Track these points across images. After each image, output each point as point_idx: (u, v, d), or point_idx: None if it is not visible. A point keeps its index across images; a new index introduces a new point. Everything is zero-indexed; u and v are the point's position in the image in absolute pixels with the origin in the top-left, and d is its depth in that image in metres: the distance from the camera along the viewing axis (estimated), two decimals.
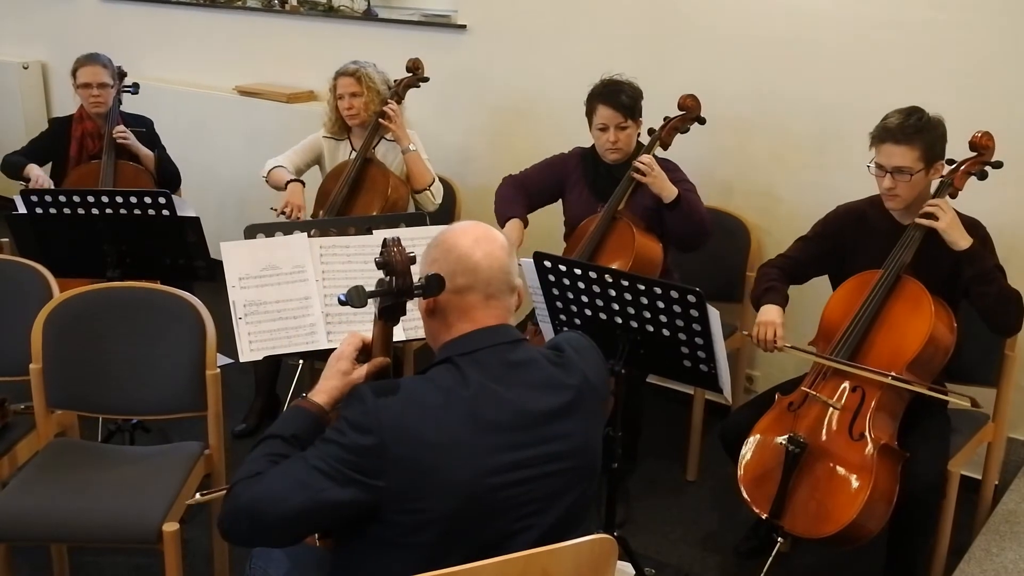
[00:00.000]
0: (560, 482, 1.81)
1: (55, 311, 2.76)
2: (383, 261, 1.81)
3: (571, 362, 1.86)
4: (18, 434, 2.87)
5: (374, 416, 1.68)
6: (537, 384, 1.80)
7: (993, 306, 2.72)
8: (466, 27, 4.37)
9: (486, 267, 1.81)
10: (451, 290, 1.81)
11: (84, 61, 4.09)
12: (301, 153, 3.96)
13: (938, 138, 2.74)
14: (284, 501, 1.70)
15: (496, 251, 1.83)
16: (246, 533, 1.76)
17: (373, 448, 1.67)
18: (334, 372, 1.88)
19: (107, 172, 4.03)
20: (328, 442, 1.71)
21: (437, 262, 1.83)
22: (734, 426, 2.94)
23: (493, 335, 1.82)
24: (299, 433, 1.83)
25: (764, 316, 2.93)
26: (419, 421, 1.69)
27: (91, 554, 3.04)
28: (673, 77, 3.72)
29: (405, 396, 1.72)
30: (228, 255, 2.76)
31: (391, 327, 1.90)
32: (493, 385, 1.76)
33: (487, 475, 1.72)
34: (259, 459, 1.79)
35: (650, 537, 3.25)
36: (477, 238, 1.83)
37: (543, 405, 1.78)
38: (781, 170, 3.70)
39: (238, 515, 1.74)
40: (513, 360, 1.80)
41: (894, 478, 2.62)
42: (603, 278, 2.63)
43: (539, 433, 1.77)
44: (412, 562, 1.71)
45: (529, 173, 3.58)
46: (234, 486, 1.77)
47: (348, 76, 3.80)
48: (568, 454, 1.81)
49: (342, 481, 1.68)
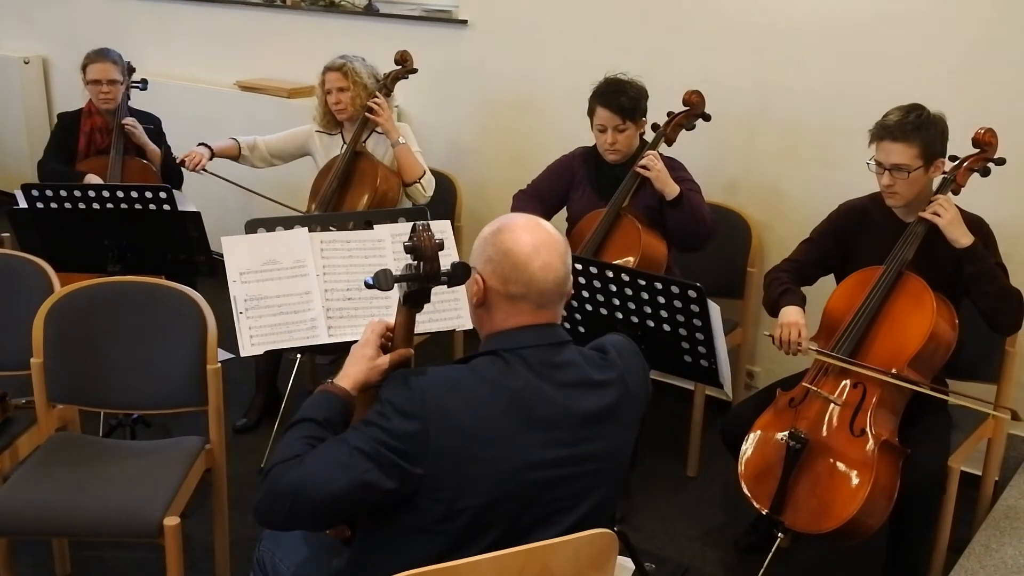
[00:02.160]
0: (588, 483, 1.82)
1: (56, 306, 2.76)
2: (412, 246, 1.79)
3: (613, 364, 1.86)
4: (19, 428, 2.87)
5: (419, 402, 1.68)
6: (579, 385, 1.80)
7: (992, 305, 2.71)
8: (467, 22, 4.37)
9: (541, 279, 1.78)
10: (504, 294, 1.79)
11: (94, 57, 4.07)
12: (284, 137, 4.02)
13: (937, 135, 2.73)
14: (328, 483, 1.69)
15: (554, 261, 1.79)
16: (284, 515, 1.73)
17: (416, 434, 1.67)
18: (359, 358, 1.88)
19: (115, 167, 4.02)
20: (371, 425, 1.71)
21: (492, 262, 1.80)
22: (735, 422, 2.94)
23: (541, 334, 1.80)
24: (331, 416, 1.83)
25: (786, 317, 2.89)
26: (462, 410, 1.70)
27: (92, 548, 3.05)
28: (678, 73, 3.71)
29: (450, 384, 1.72)
30: (229, 250, 2.75)
31: (414, 314, 1.90)
32: (536, 381, 1.76)
33: (525, 470, 1.73)
34: (296, 442, 1.78)
35: (651, 532, 3.26)
36: (536, 245, 1.78)
37: (583, 407, 1.79)
38: (785, 166, 3.70)
39: (279, 497, 1.71)
40: (556, 361, 1.79)
41: (895, 474, 2.62)
42: (604, 273, 2.63)
43: (578, 433, 1.78)
44: (435, 548, 1.72)
45: (538, 184, 3.58)
46: (272, 468, 1.75)
47: (335, 71, 3.81)
48: (600, 456, 1.82)
49: (384, 464, 1.68)
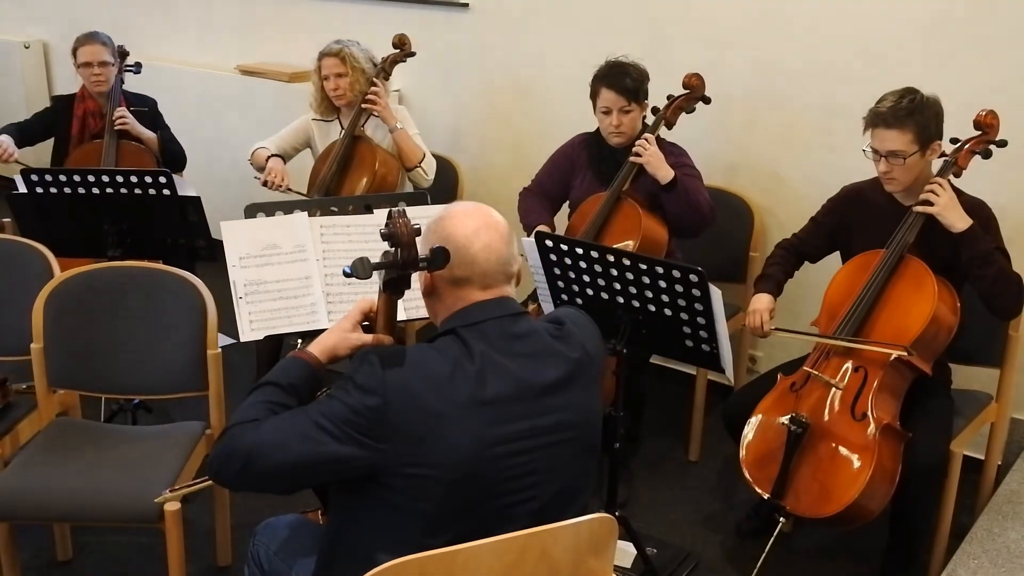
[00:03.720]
0: (561, 454, 1.82)
1: (56, 291, 2.76)
2: (388, 232, 1.80)
3: (571, 335, 1.88)
4: (20, 414, 2.87)
5: (380, 379, 1.70)
6: (539, 356, 1.81)
7: (990, 288, 2.70)
8: (468, 6, 4.35)
9: (483, 260, 1.81)
10: (448, 279, 1.82)
11: (84, 40, 4.06)
12: (288, 136, 3.97)
13: (931, 118, 2.71)
14: (282, 450, 1.72)
15: (495, 242, 1.82)
16: (235, 477, 1.77)
17: (376, 409, 1.69)
18: (335, 328, 1.92)
19: (109, 152, 4.01)
20: (332, 399, 1.74)
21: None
22: (736, 406, 2.94)
23: (496, 307, 1.83)
24: (296, 383, 1.86)
25: (752, 304, 3.00)
26: (424, 389, 1.71)
27: (93, 533, 3.05)
28: (677, 56, 3.69)
29: (412, 363, 1.74)
30: (228, 234, 2.75)
31: (395, 300, 1.90)
32: (497, 356, 1.77)
33: (489, 446, 1.73)
34: (257, 405, 1.81)
35: (652, 517, 3.26)
36: (476, 229, 1.82)
37: (545, 377, 1.80)
38: (785, 150, 3.68)
39: (231, 457, 1.75)
40: (515, 332, 1.81)
41: (896, 458, 2.61)
42: (605, 257, 2.62)
43: (541, 405, 1.79)
44: (411, 529, 1.73)
45: (541, 179, 3.58)
46: (229, 429, 1.78)
47: (332, 56, 3.79)
48: (569, 425, 1.83)
49: (342, 438, 1.70)
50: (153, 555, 2.91)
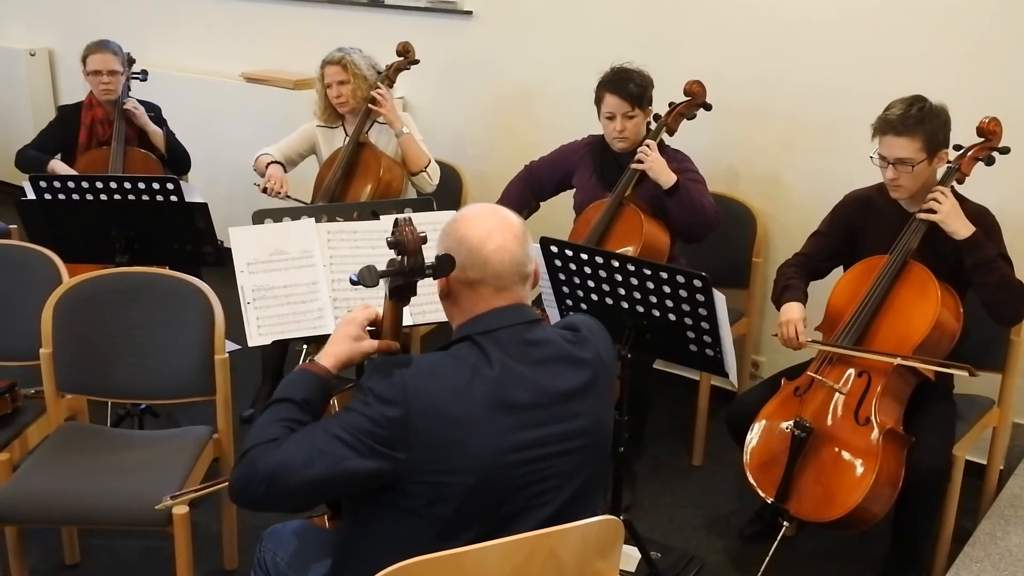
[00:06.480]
0: (576, 460, 1.83)
1: (65, 296, 2.78)
2: (395, 240, 1.81)
3: (586, 341, 1.88)
4: (28, 418, 2.89)
5: (400, 388, 1.70)
6: (556, 363, 1.81)
7: (992, 296, 2.71)
8: (472, 13, 4.37)
9: (496, 261, 1.81)
10: (463, 282, 1.82)
11: (94, 48, 4.09)
12: (293, 143, 3.99)
13: (940, 127, 2.72)
14: (304, 469, 1.71)
15: (508, 243, 1.82)
16: (261, 498, 1.75)
17: (398, 420, 1.69)
18: (342, 337, 1.89)
19: (117, 158, 4.03)
20: (351, 411, 1.73)
21: (450, 252, 1.83)
22: (740, 411, 2.95)
23: (512, 315, 1.82)
24: (309, 397, 1.84)
25: (785, 315, 2.91)
26: (444, 396, 1.71)
27: (101, 536, 3.06)
28: (679, 63, 3.71)
29: (430, 371, 1.74)
30: (236, 240, 2.76)
31: (401, 307, 1.91)
32: (514, 364, 1.77)
33: (506, 452, 1.74)
34: (274, 424, 1.80)
35: (656, 521, 3.27)
36: (490, 230, 1.82)
37: (562, 384, 1.80)
38: (788, 156, 3.70)
39: (254, 480, 1.74)
40: (531, 339, 1.81)
41: (899, 462, 2.63)
42: (609, 263, 2.63)
43: (557, 412, 1.79)
44: (425, 533, 1.74)
45: (540, 164, 3.63)
46: (249, 451, 1.77)
47: (334, 64, 3.81)
48: (584, 432, 1.83)
49: (364, 452, 1.70)
50: (160, 559, 2.92)
